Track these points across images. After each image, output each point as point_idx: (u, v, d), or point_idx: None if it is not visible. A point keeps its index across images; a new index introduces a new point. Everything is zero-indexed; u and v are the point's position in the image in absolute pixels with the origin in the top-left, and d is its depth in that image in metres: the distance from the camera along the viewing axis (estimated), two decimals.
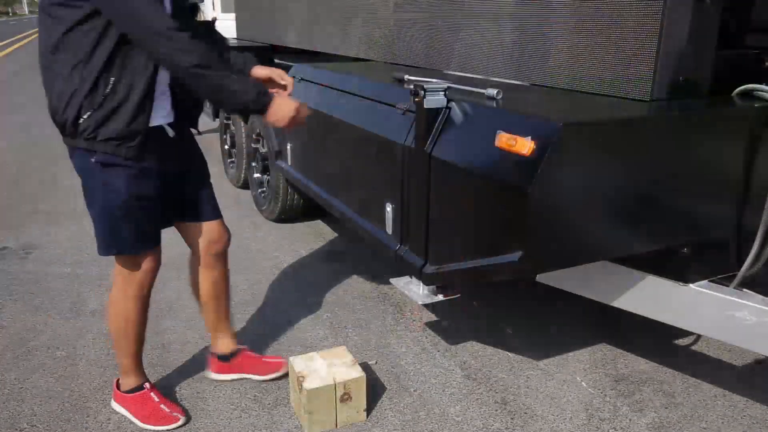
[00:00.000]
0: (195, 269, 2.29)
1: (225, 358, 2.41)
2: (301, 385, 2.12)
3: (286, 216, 4.19)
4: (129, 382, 2.20)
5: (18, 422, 2.20)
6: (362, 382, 2.18)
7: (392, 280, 2.29)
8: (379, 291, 3.25)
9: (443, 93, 2.02)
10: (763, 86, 1.99)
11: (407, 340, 2.78)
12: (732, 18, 2.34)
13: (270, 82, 2.13)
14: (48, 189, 5.05)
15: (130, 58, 1.78)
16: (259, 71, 2.15)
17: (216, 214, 2.23)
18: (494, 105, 1.97)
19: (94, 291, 3.21)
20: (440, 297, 2.17)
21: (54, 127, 1.88)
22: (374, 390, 2.40)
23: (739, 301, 1.91)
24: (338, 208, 2.88)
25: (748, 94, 2.03)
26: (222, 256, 2.28)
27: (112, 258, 2.02)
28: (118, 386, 2.23)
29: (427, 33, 3.01)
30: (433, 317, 2.98)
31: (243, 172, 4.77)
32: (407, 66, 3.25)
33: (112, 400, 2.25)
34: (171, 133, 2.00)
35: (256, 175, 4.45)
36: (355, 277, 3.41)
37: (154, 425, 2.14)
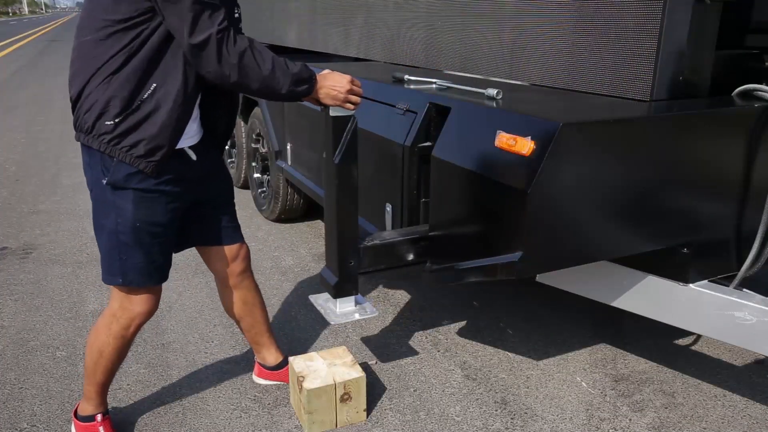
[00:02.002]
0: (222, 291, 2.23)
1: (271, 368, 2.41)
2: (301, 385, 2.12)
3: (286, 216, 4.19)
4: (85, 407, 2.08)
5: (18, 422, 2.20)
6: (362, 382, 2.18)
7: (311, 297, 2.27)
8: (379, 291, 3.25)
9: None
10: (763, 86, 1.98)
11: (407, 340, 2.78)
12: (732, 18, 2.34)
13: None
14: (48, 189, 5.05)
15: (175, 67, 1.68)
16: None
17: (236, 237, 2.14)
18: (494, 105, 1.96)
19: (94, 291, 3.21)
20: (357, 316, 2.12)
21: (54, 128, 1.88)
22: (374, 390, 2.40)
23: (739, 301, 1.91)
24: None
25: (748, 94, 2.03)
26: (245, 272, 2.20)
27: None
28: (77, 408, 2.11)
29: (427, 33, 3.01)
30: (433, 317, 2.98)
31: (243, 172, 4.77)
32: (407, 66, 3.25)
33: (72, 420, 2.14)
34: (193, 156, 1.88)
35: (256, 175, 4.46)
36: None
37: None
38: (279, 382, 2.42)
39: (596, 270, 2.15)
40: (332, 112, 1.88)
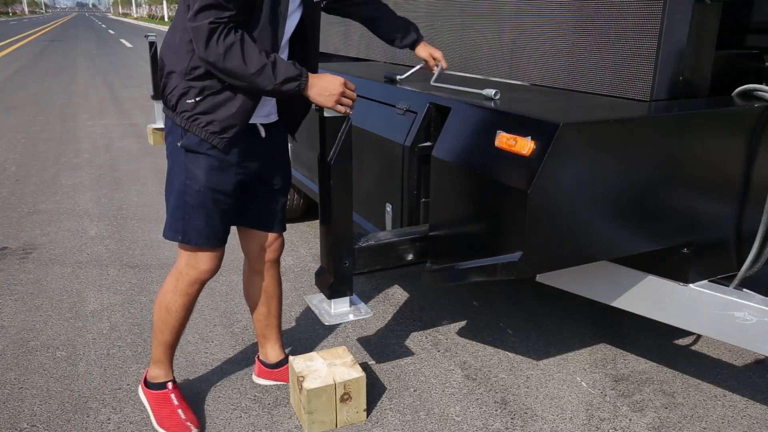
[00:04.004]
0: (248, 276, 2.29)
1: (270, 365, 2.41)
2: (301, 385, 2.12)
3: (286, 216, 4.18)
4: (155, 374, 2.19)
5: (18, 422, 2.20)
6: (362, 382, 2.18)
7: (306, 298, 2.28)
8: (379, 291, 3.25)
9: None
10: (763, 86, 1.98)
11: (407, 340, 2.78)
12: (732, 18, 2.35)
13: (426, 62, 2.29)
14: (48, 189, 5.05)
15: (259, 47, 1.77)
16: (421, 51, 2.28)
17: (281, 227, 2.22)
18: (492, 105, 1.96)
19: (94, 291, 3.21)
20: (351, 317, 2.12)
21: (54, 128, 1.90)
22: (374, 390, 2.40)
23: (739, 301, 1.91)
24: None
25: (748, 94, 2.04)
26: (275, 263, 2.27)
27: (113, 258, 2.01)
28: (146, 376, 2.23)
29: (427, 33, 3.01)
30: (433, 317, 2.98)
31: None
32: (407, 66, 3.25)
33: (140, 387, 2.26)
34: (263, 133, 2.01)
35: None
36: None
37: (166, 430, 2.13)
38: (279, 382, 2.42)
39: (596, 270, 2.15)
40: (326, 113, 1.89)
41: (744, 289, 2.00)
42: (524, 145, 1.70)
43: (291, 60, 1.86)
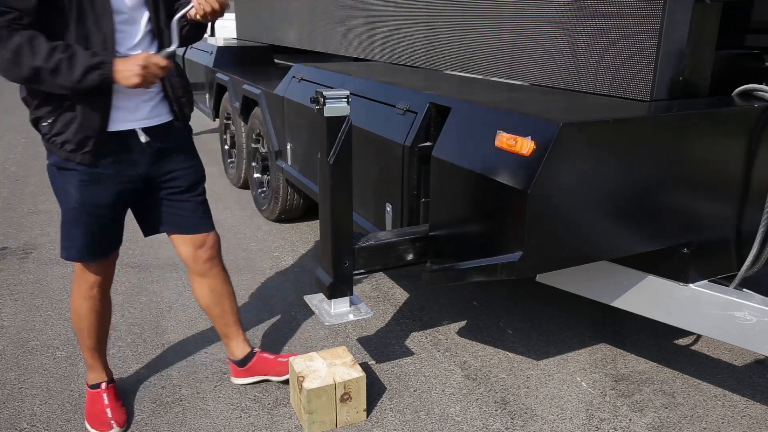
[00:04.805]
0: (191, 280, 2.26)
1: (240, 363, 2.40)
2: (301, 385, 2.12)
3: (286, 216, 4.19)
4: (90, 377, 2.24)
5: (18, 422, 2.20)
6: (362, 382, 2.18)
7: (305, 298, 2.27)
8: (379, 291, 3.25)
9: (345, 101, 1.94)
10: (763, 86, 1.98)
11: (407, 340, 2.78)
12: (732, 18, 2.35)
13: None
14: (48, 189, 5.04)
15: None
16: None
17: (207, 225, 2.14)
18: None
19: None
20: (351, 317, 2.12)
21: None
22: (374, 390, 2.40)
23: (739, 301, 1.91)
24: None
25: (748, 94, 2.03)
26: (213, 261, 2.21)
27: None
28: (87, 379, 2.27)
29: (427, 33, 3.02)
30: (433, 317, 2.98)
31: (243, 172, 4.77)
32: (407, 66, 3.25)
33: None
34: (143, 138, 1.91)
35: (256, 175, 4.45)
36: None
37: (90, 426, 2.16)
38: (258, 378, 2.39)
39: (596, 270, 2.15)
40: (327, 113, 1.89)
41: (744, 289, 2.00)
42: (524, 145, 1.70)
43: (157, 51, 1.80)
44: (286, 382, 2.39)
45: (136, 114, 1.88)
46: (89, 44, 1.72)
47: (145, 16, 1.83)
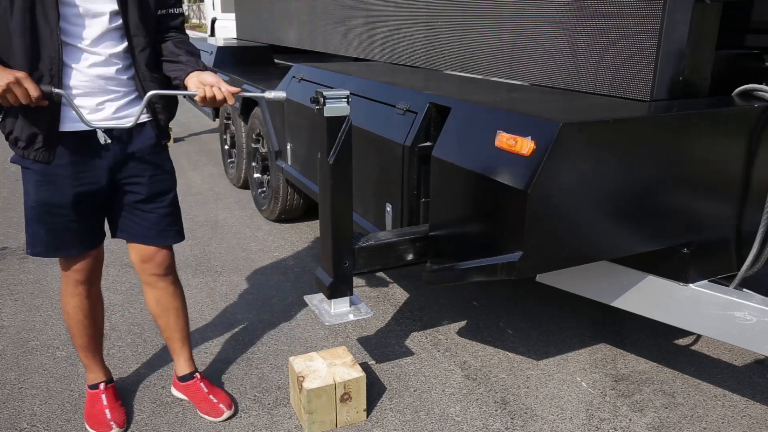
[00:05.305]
0: (142, 286, 2.21)
1: (179, 378, 2.33)
2: (301, 385, 2.12)
3: (286, 216, 4.19)
4: (89, 377, 2.23)
5: (18, 422, 2.20)
6: (362, 382, 2.18)
7: (305, 298, 2.26)
8: (379, 291, 3.25)
9: (345, 101, 1.92)
10: (763, 86, 1.99)
11: (407, 340, 2.78)
12: (732, 18, 2.35)
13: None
14: None
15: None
16: (189, 82, 1.85)
17: (162, 240, 2.05)
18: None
19: None
20: (351, 317, 2.11)
21: None
22: (374, 390, 2.40)
23: (739, 301, 1.91)
24: None
25: (748, 94, 2.04)
26: (160, 276, 2.13)
27: (113, 258, 2.01)
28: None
29: (427, 33, 3.02)
30: (433, 317, 2.98)
31: (243, 172, 4.77)
32: (407, 66, 3.25)
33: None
34: (103, 139, 1.84)
35: (256, 175, 4.46)
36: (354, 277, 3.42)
37: (89, 427, 2.15)
38: (187, 398, 2.30)
39: (596, 270, 2.15)
40: (327, 113, 1.88)
41: (744, 289, 2.00)
42: (524, 145, 1.70)
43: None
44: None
45: (97, 114, 1.82)
46: (38, 36, 1.67)
47: (108, 9, 1.74)
